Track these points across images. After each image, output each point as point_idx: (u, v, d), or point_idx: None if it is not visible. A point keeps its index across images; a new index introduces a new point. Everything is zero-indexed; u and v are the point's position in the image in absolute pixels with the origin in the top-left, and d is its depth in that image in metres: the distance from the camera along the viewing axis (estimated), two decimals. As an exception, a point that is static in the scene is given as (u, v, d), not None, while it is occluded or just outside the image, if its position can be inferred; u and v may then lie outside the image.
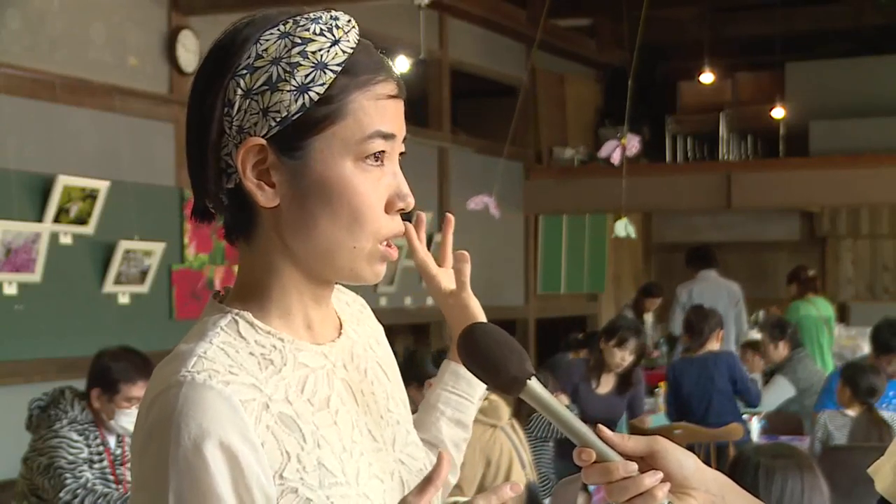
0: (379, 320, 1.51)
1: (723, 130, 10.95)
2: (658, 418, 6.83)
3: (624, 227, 6.88)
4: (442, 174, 9.14)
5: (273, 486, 1.20)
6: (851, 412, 5.55)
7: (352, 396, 1.33)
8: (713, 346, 6.51)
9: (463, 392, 1.71)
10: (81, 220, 5.78)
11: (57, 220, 5.66)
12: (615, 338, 6.07)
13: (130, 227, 6.07)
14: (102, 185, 5.83)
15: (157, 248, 6.20)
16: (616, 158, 6.87)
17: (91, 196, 5.79)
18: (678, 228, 12.85)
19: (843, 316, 10.93)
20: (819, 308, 8.73)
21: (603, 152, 6.95)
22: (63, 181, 5.62)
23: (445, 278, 1.70)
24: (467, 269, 1.69)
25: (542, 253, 10.23)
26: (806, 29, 10.99)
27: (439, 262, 1.71)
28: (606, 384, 6.14)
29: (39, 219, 5.60)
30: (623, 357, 6.08)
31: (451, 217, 1.71)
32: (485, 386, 1.69)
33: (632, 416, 6.27)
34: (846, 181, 9.50)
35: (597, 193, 9.84)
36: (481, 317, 1.66)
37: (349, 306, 1.44)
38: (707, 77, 10.46)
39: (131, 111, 6.24)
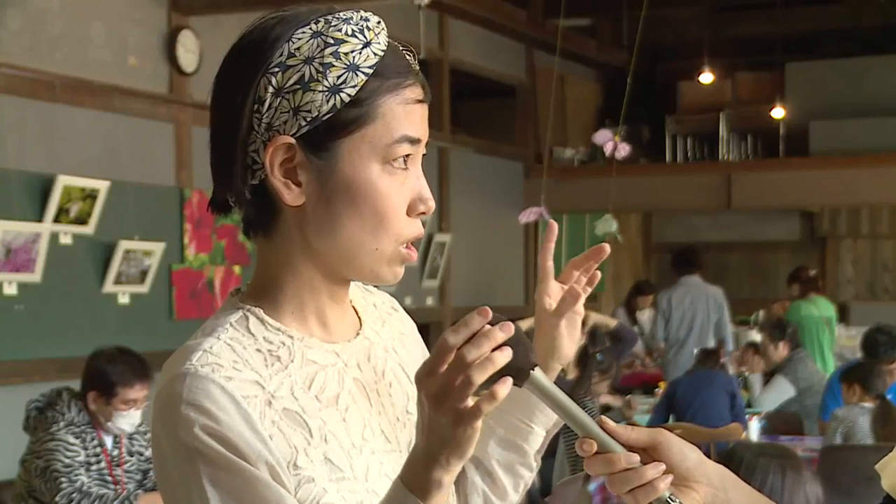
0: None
1: (723, 130, 10.94)
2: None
3: (607, 224, 6.96)
4: (442, 174, 9.14)
5: (290, 476, 1.21)
6: (868, 404, 5.62)
7: (365, 396, 1.33)
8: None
9: (516, 416, 1.56)
10: (81, 220, 5.78)
11: (57, 220, 5.66)
12: None
13: (130, 227, 6.07)
14: (102, 185, 5.83)
15: (157, 248, 6.20)
16: (608, 148, 6.95)
17: (91, 196, 5.79)
18: (678, 228, 12.85)
19: (843, 316, 10.91)
20: (820, 308, 8.72)
21: (598, 139, 7.04)
22: (63, 181, 5.62)
23: (556, 295, 1.54)
24: (569, 305, 1.51)
25: (542, 253, 10.21)
26: (806, 29, 10.99)
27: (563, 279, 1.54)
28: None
29: (39, 219, 5.60)
30: None
31: (553, 224, 1.54)
32: (554, 417, 1.56)
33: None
34: (846, 181, 9.50)
35: (597, 193, 9.83)
36: (566, 348, 1.53)
37: (377, 308, 1.44)
38: (707, 77, 10.45)
39: (131, 111, 6.24)
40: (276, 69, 1.24)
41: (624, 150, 7.03)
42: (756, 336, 8.65)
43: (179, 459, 1.19)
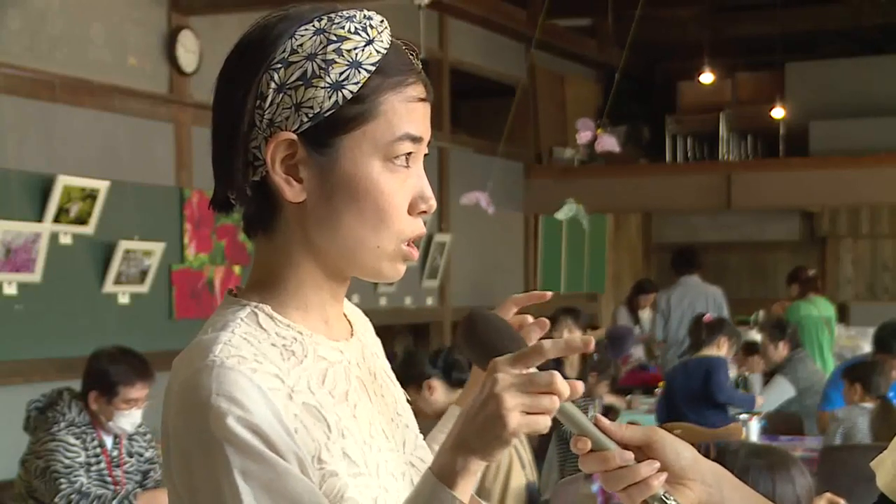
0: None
1: (723, 130, 10.95)
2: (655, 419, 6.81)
3: (567, 213, 6.99)
4: (442, 174, 9.14)
5: (315, 470, 1.21)
6: (868, 405, 5.63)
7: (366, 395, 1.33)
8: (710, 351, 6.49)
9: None
10: (81, 220, 5.78)
11: (57, 220, 5.66)
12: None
13: (130, 227, 6.07)
14: (102, 185, 5.83)
15: (157, 248, 6.20)
16: (584, 139, 6.95)
17: (91, 196, 5.79)
18: (678, 228, 12.84)
19: (843, 316, 10.92)
20: (820, 308, 8.72)
21: (580, 126, 7.03)
22: (63, 181, 5.62)
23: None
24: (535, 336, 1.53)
25: (542, 253, 10.23)
26: (806, 29, 10.99)
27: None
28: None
29: (39, 219, 5.60)
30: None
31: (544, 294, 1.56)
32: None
33: None
34: (846, 181, 9.50)
35: (597, 193, 9.84)
36: None
37: (354, 314, 1.45)
38: (707, 77, 10.45)
39: (131, 111, 6.24)
40: (279, 65, 1.24)
41: (608, 143, 7.01)
42: (756, 336, 8.65)
43: (208, 452, 1.17)
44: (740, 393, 6.50)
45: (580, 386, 1.16)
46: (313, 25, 1.25)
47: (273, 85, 1.23)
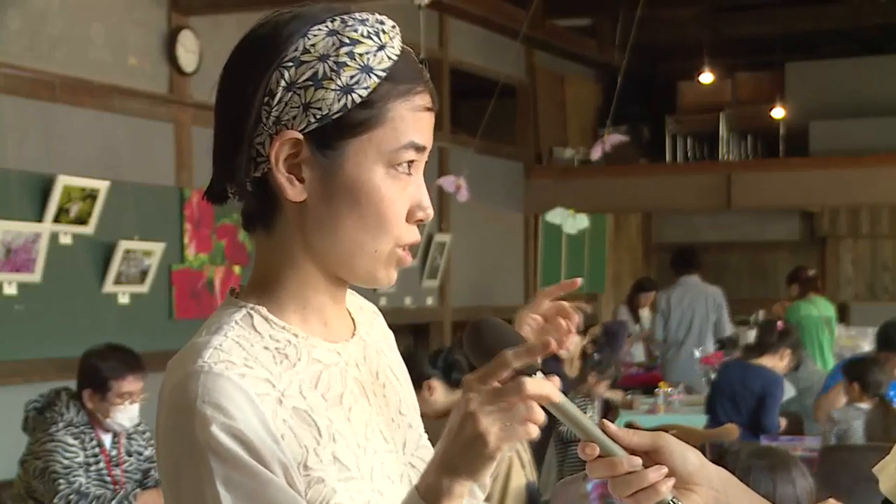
0: None
1: (723, 130, 10.95)
2: (655, 419, 6.81)
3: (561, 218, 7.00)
4: (442, 174, 9.12)
5: (300, 477, 1.21)
6: (864, 405, 5.62)
7: (364, 396, 1.33)
8: (773, 360, 6.46)
9: None
10: (81, 220, 5.78)
11: (57, 220, 5.66)
12: None
13: (130, 227, 6.07)
14: (102, 185, 5.83)
15: (157, 248, 6.20)
16: (597, 154, 6.98)
17: (91, 196, 5.79)
18: (678, 228, 12.85)
19: (843, 316, 10.92)
20: (820, 308, 8.73)
21: (596, 149, 7.07)
22: (63, 181, 5.62)
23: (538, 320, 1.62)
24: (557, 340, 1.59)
25: (542, 253, 10.23)
26: (806, 29, 10.99)
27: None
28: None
29: (39, 219, 5.60)
30: None
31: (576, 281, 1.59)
32: None
33: None
34: (846, 181, 9.51)
35: (597, 193, 9.84)
36: None
37: (362, 310, 1.44)
38: (707, 77, 10.45)
39: (131, 111, 6.24)
40: (290, 64, 1.23)
41: (612, 141, 7.03)
42: (756, 336, 8.65)
43: (193, 459, 1.18)
44: (777, 421, 6.48)
45: (556, 380, 1.15)
46: (326, 26, 1.25)
47: (283, 83, 1.23)
